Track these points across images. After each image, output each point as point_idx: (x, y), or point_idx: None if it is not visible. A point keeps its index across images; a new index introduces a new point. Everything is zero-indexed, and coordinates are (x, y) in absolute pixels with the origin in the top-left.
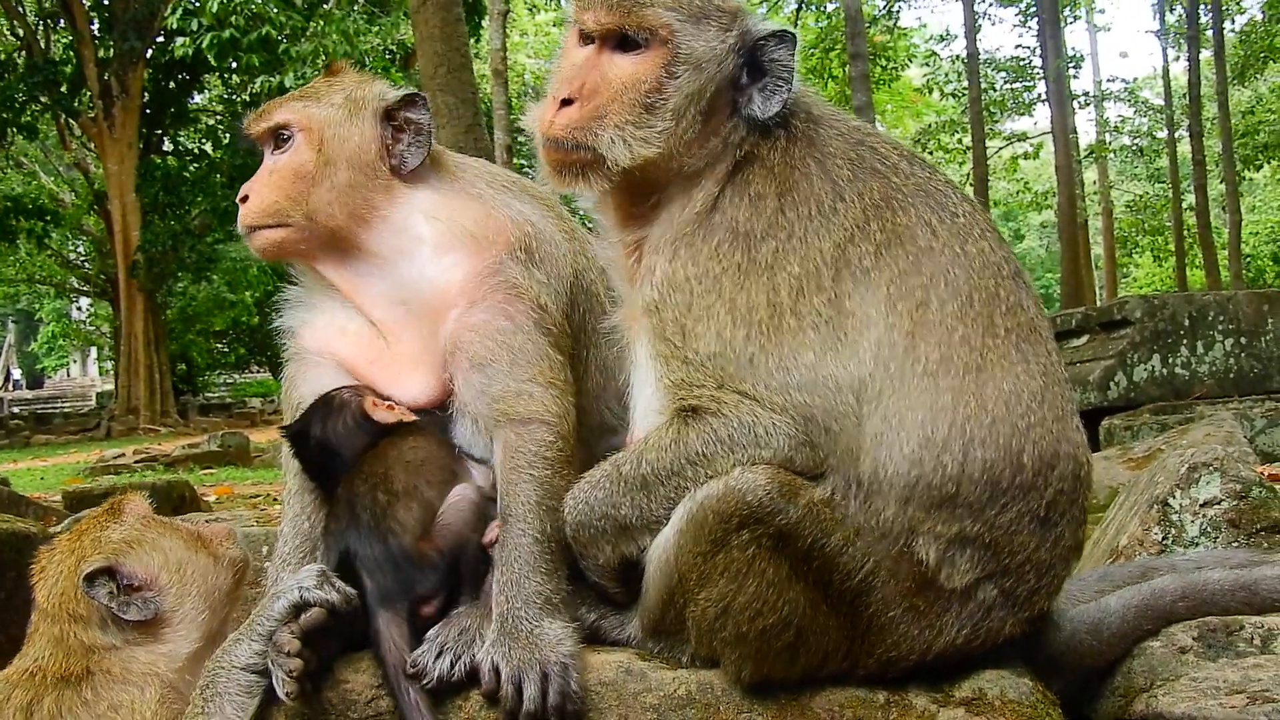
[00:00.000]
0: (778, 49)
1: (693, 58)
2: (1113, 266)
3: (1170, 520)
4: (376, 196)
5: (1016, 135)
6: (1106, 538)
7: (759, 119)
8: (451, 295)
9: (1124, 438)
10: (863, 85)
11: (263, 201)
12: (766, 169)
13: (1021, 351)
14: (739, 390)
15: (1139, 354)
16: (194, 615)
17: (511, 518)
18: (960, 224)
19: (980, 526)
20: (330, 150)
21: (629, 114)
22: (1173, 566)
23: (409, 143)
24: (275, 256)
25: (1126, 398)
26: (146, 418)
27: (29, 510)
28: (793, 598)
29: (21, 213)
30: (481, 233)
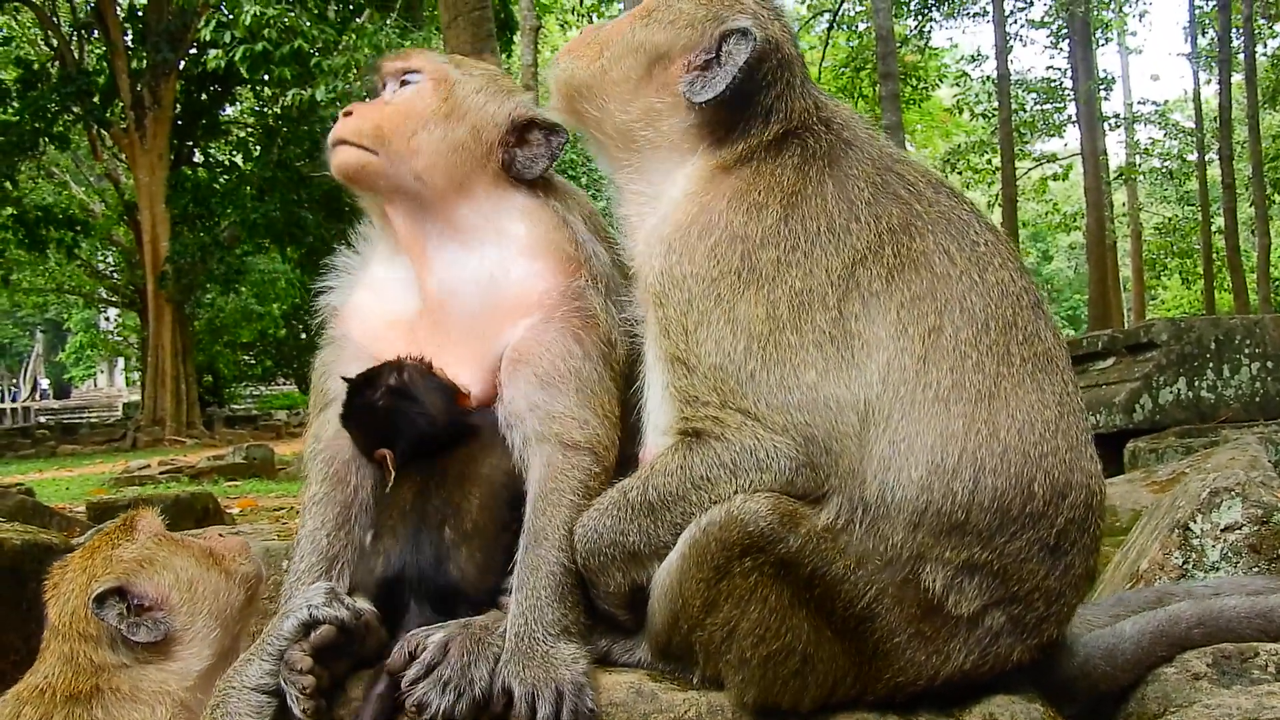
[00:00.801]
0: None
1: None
2: (1141, 289)
3: (1191, 545)
4: (480, 175)
5: (1046, 156)
6: (1128, 561)
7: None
8: (528, 303)
9: (1148, 460)
10: (893, 105)
11: (365, 123)
12: (775, 181)
13: (1037, 380)
14: (740, 408)
15: (1165, 377)
16: (205, 633)
17: (545, 540)
18: (980, 253)
19: (989, 554)
20: (454, 104)
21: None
22: (1189, 593)
23: (529, 154)
24: (351, 179)
25: (1152, 420)
26: (172, 429)
27: (52, 521)
28: (796, 624)
29: (52, 222)
30: (569, 253)
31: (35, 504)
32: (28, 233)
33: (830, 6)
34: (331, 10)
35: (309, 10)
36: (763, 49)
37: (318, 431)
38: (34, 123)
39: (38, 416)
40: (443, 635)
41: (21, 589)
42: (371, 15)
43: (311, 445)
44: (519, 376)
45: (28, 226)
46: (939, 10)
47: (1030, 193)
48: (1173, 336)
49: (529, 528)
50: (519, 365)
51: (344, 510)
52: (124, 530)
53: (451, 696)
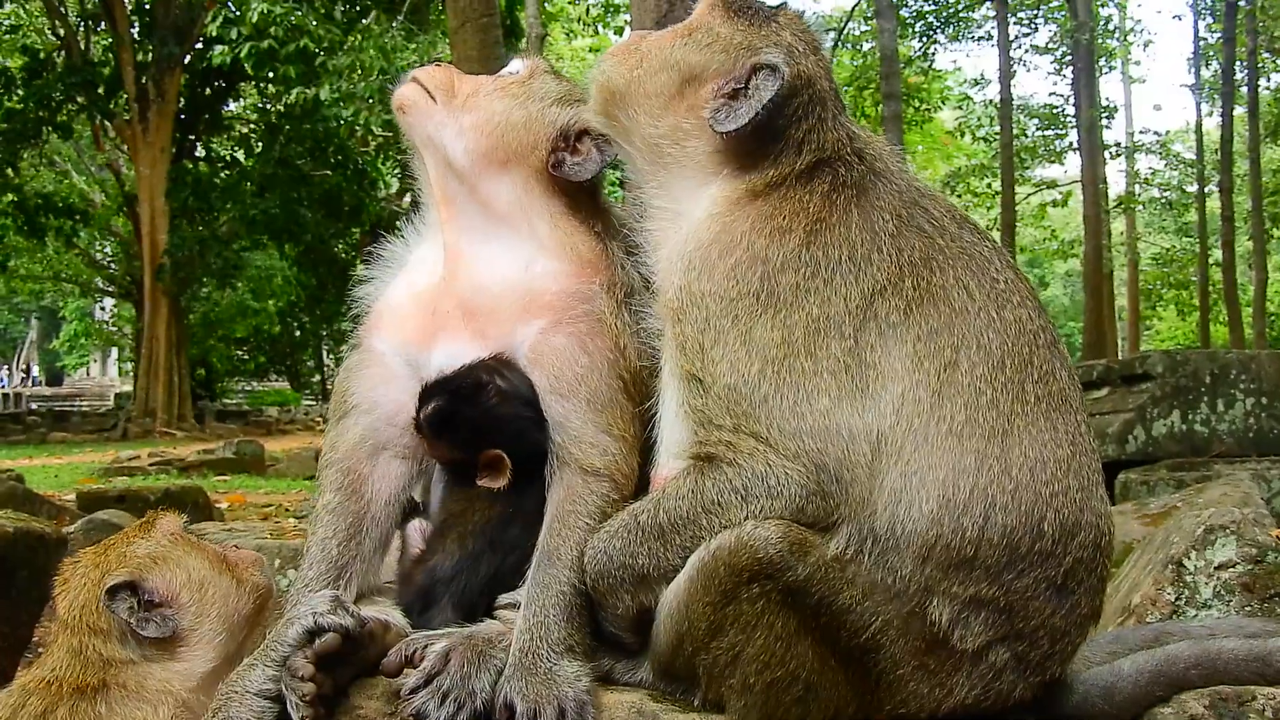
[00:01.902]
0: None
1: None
2: (1136, 319)
3: (1184, 581)
4: (520, 164)
5: (1046, 182)
6: (1119, 595)
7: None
8: (540, 305)
9: (1140, 493)
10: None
11: (442, 74)
12: (801, 207)
13: (1050, 419)
14: (753, 433)
15: (1159, 409)
16: (212, 635)
17: (557, 560)
18: (1000, 290)
19: (996, 590)
20: (527, 91)
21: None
22: (1187, 633)
23: (577, 161)
24: (401, 110)
25: (1144, 452)
26: (163, 421)
27: (42, 509)
28: (800, 652)
29: (52, 210)
30: (589, 258)
31: (25, 491)
32: (27, 219)
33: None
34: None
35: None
36: (792, 85)
37: (334, 440)
38: (38, 111)
39: (30, 403)
40: (444, 644)
41: (11, 577)
42: (378, 17)
43: (328, 454)
44: (536, 383)
45: (27, 213)
46: (943, 33)
47: (1029, 218)
48: (1168, 369)
49: (543, 546)
50: (533, 372)
51: (356, 521)
52: (143, 529)
53: (451, 708)
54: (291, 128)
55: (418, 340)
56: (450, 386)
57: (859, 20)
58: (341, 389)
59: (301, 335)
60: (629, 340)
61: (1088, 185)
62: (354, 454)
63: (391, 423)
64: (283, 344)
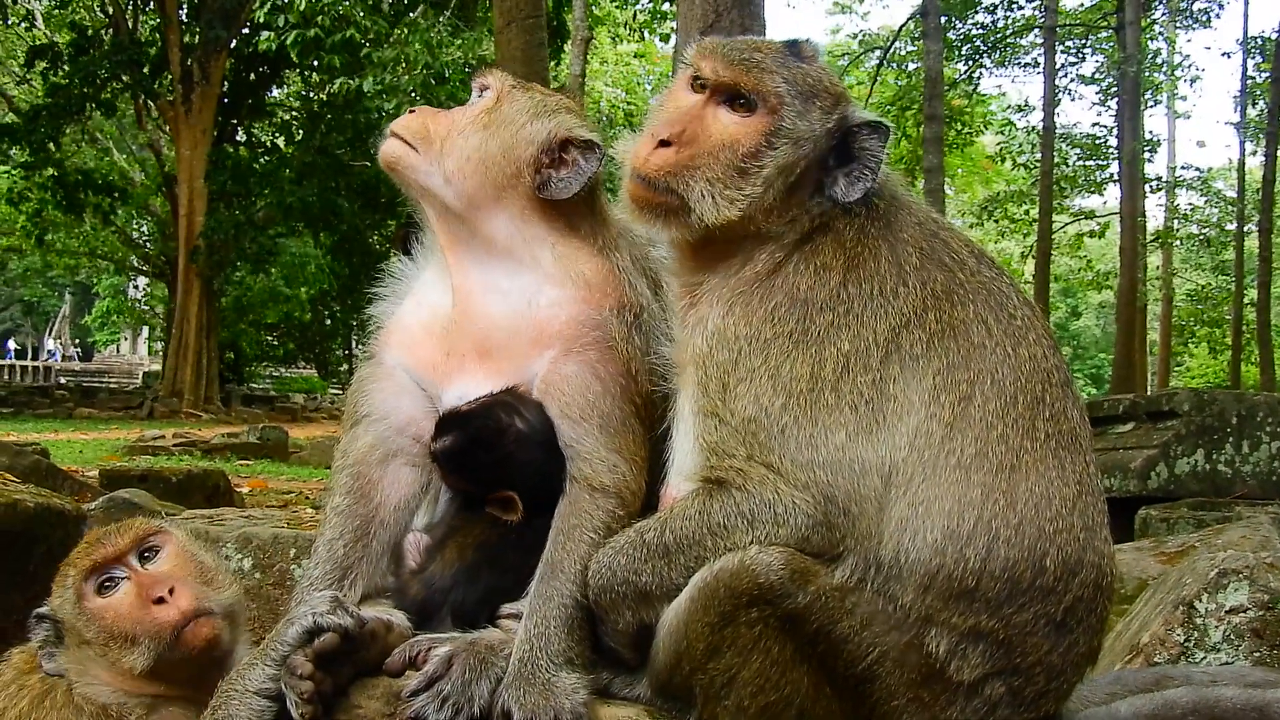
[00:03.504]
0: (870, 138)
1: (794, 133)
2: (1167, 354)
3: (1194, 624)
4: (511, 194)
5: (1084, 212)
6: (1129, 632)
7: (839, 201)
8: (549, 335)
9: (1159, 530)
10: (935, 147)
11: (416, 121)
12: (839, 243)
13: (1059, 458)
14: (765, 463)
15: (1183, 446)
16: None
17: (560, 573)
18: (1016, 326)
19: (996, 623)
20: (496, 119)
21: (722, 173)
22: (1187, 678)
23: (563, 176)
24: (389, 168)
25: (1165, 489)
26: (190, 402)
27: (65, 484)
28: (796, 678)
29: (91, 187)
30: (596, 282)
31: (50, 466)
32: (66, 195)
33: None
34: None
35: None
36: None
37: (346, 447)
38: (83, 87)
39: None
40: (448, 649)
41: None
42: (425, 11)
43: (339, 459)
44: (549, 410)
45: (67, 189)
46: (990, 57)
47: (1065, 247)
48: (1195, 407)
49: (547, 559)
50: (545, 399)
51: (364, 524)
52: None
53: (449, 712)
54: (333, 117)
55: (432, 378)
56: (469, 426)
57: (905, 40)
58: (354, 398)
59: (331, 324)
60: (640, 365)
61: (1126, 218)
62: (365, 460)
63: (402, 433)
64: (312, 332)
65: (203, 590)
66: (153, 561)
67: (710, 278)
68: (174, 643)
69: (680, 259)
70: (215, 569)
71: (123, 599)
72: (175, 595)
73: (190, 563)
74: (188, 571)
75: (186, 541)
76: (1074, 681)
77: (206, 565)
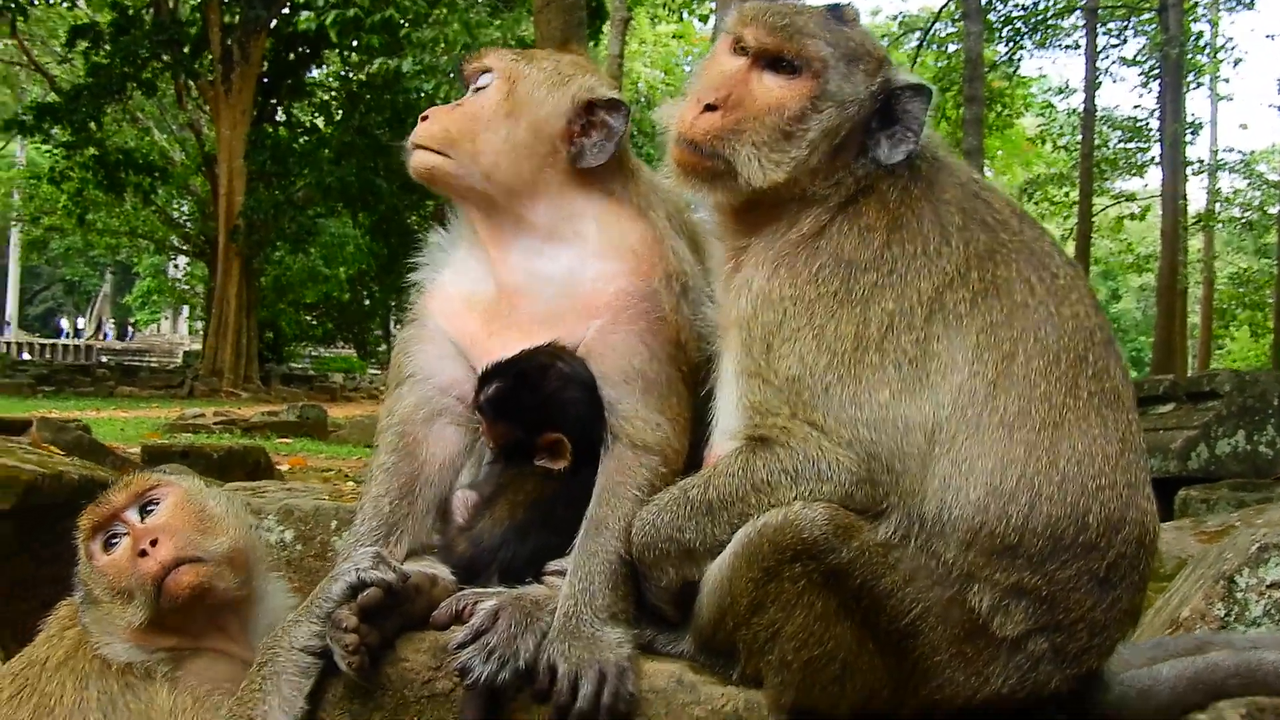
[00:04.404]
0: (912, 101)
1: (838, 96)
2: (1208, 337)
3: (1235, 598)
4: (549, 172)
5: (1125, 195)
6: (1169, 608)
7: (882, 163)
8: (598, 306)
9: (1199, 510)
10: (975, 129)
11: (435, 127)
12: (882, 204)
13: (1101, 416)
14: (810, 420)
15: (1224, 428)
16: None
17: (605, 530)
18: (1059, 285)
19: (1038, 579)
20: (516, 103)
21: (768, 136)
22: (1229, 643)
23: (595, 141)
24: (427, 180)
25: (1206, 470)
26: (229, 381)
27: (107, 460)
28: (839, 634)
29: (131, 166)
30: (644, 253)
31: (92, 441)
32: (107, 174)
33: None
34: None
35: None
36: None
37: (392, 406)
38: (124, 67)
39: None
40: (494, 603)
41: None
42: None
43: (385, 418)
44: (594, 371)
45: (107, 168)
46: (1031, 39)
47: (1105, 230)
48: (1236, 388)
49: (591, 516)
50: (591, 361)
51: (409, 481)
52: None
53: (495, 665)
54: (372, 97)
55: (474, 352)
56: (513, 369)
57: (946, 21)
58: (399, 357)
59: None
60: (689, 334)
61: (1167, 200)
62: (410, 418)
63: (447, 393)
64: (351, 312)
65: (192, 539)
66: (153, 514)
67: (755, 241)
68: (157, 594)
69: (724, 223)
70: (217, 517)
71: (120, 555)
72: (156, 546)
73: (188, 513)
74: (183, 522)
75: (191, 492)
76: (1116, 638)
77: (206, 514)
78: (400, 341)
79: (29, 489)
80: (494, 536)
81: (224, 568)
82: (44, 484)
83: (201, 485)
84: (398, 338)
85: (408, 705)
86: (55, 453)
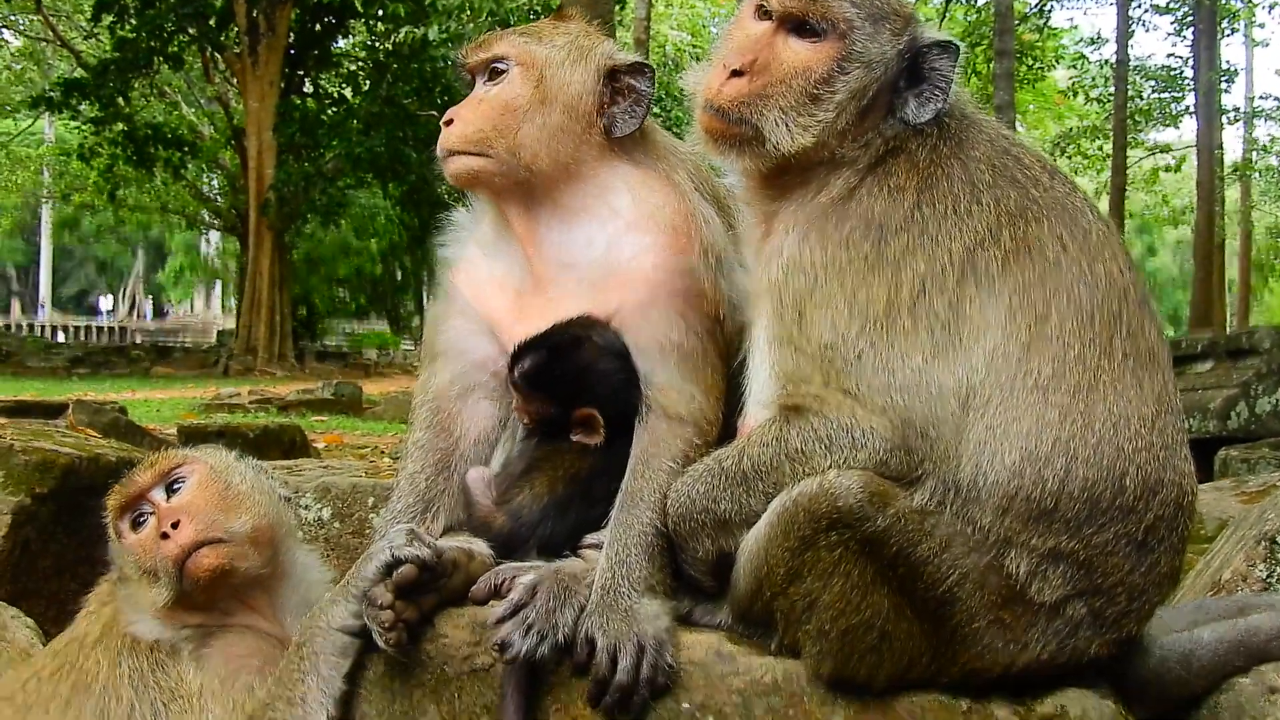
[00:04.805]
0: (939, 59)
1: (864, 57)
2: (1247, 292)
3: (1277, 558)
4: (585, 150)
5: (1160, 147)
6: (1210, 570)
7: (911, 123)
8: (634, 280)
9: (1240, 470)
10: (1006, 83)
11: (468, 128)
12: (912, 163)
13: (1137, 377)
14: (843, 388)
15: (1264, 385)
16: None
17: (640, 501)
18: (1092, 242)
19: (1076, 543)
20: (548, 89)
21: (795, 100)
22: (1271, 605)
23: (626, 108)
24: (468, 185)
25: (1246, 429)
26: (264, 359)
27: (144, 440)
28: (876, 601)
29: (160, 141)
30: (680, 227)
31: (129, 423)
32: (136, 149)
33: None
34: None
35: None
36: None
37: (426, 382)
38: (150, 41)
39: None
40: (532, 577)
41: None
42: None
43: (419, 395)
44: (629, 344)
45: (137, 144)
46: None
47: (1140, 183)
48: (1276, 345)
49: (626, 488)
50: (625, 333)
51: (445, 457)
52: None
53: (534, 640)
54: (399, 66)
55: (505, 332)
56: (546, 342)
57: None
58: (431, 334)
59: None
60: (727, 309)
61: (1203, 151)
62: (444, 394)
63: (480, 369)
64: (384, 285)
65: (215, 519)
66: (178, 493)
67: (785, 205)
68: (179, 575)
69: (753, 188)
70: (242, 494)
71: (146, 534)
72: (178, 528)
73: (212, 492)
74: (207, 501)
75: (216, 469)
76: (1156, 602)
77: (230, 492)
78: (431, 318)
79: (67, 471)
80: (534, 512)
81: (246, 547)
82: (82, 466)
83: (229, 460)
84: (428, 314)
85: (448, 681)
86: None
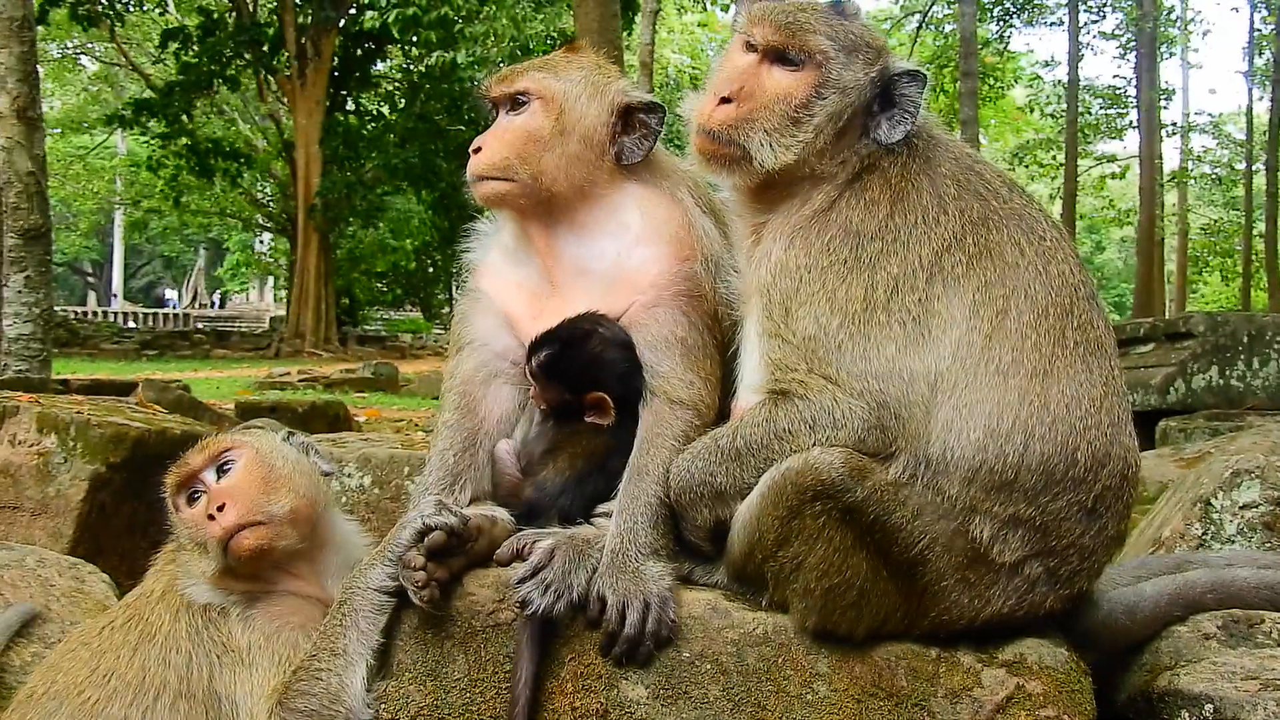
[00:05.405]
0: (909, 85)
1: (840, 84)
2: (1183, 283)
3: (1211, 519)
4: (598, 174)
5: (1106, 156)
6: (1151, 529)
7: (883, 143)
8: (642, 285)
9: (1177, 439)
10: (970, 101)
11: (494, 156)
12: (885, 179)
13: (1087, 363)
14: (824, 375)
15: (1199, 364)
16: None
17: (646, 476)
18: (1046, 247)
19: (1033, 510)
20: (566, 121)
21: (778, 123)
22: (1206, 562)
23: (636, 140)
24: (496, 205)
25: (1184, 403)
26: (311, 342)
27: (205, 415)
28: (856, 563)
29: (220, 154)
30: (683, 238)
31: (191, 399)
32: (198, 161)
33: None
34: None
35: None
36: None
37: (454, 369)
38: (210, 65)
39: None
40: (550, 542)
41: None
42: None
43: (448, 380)
44: (635, 339)
45: (199, 156)
46: (1019, 18)
47: (1089, 189)
48: (1209, 328)
49: (633, 464)
50: (633, 330)
51: (471, 436)
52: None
53: (551, 598)
54: (431, 87)
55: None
56: (559, 334)
57: (942, 4)
58: (458, 326)
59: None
60: (723, 309)
61: (1145, 160)
62: (470, 380)
63: (502, 358)
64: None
65: (257, 501)
66: (227, 475)
67: (772, 216)
68: (224, 552)
69: (744, 202)
70: (284, 477)
71: (199, 511)
72: (224, 510)
73: (256, 476)
74: (250, 484)
75: (262, 451)
76: (1104, 561)
77: (273, 475)
78: (459, 312)
79: (137, 443)
80: (556, 484)
81: (285, 527)
82: (150, 439)
83: (274, 443)
84: (456, 309)
85: (475, 634)
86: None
